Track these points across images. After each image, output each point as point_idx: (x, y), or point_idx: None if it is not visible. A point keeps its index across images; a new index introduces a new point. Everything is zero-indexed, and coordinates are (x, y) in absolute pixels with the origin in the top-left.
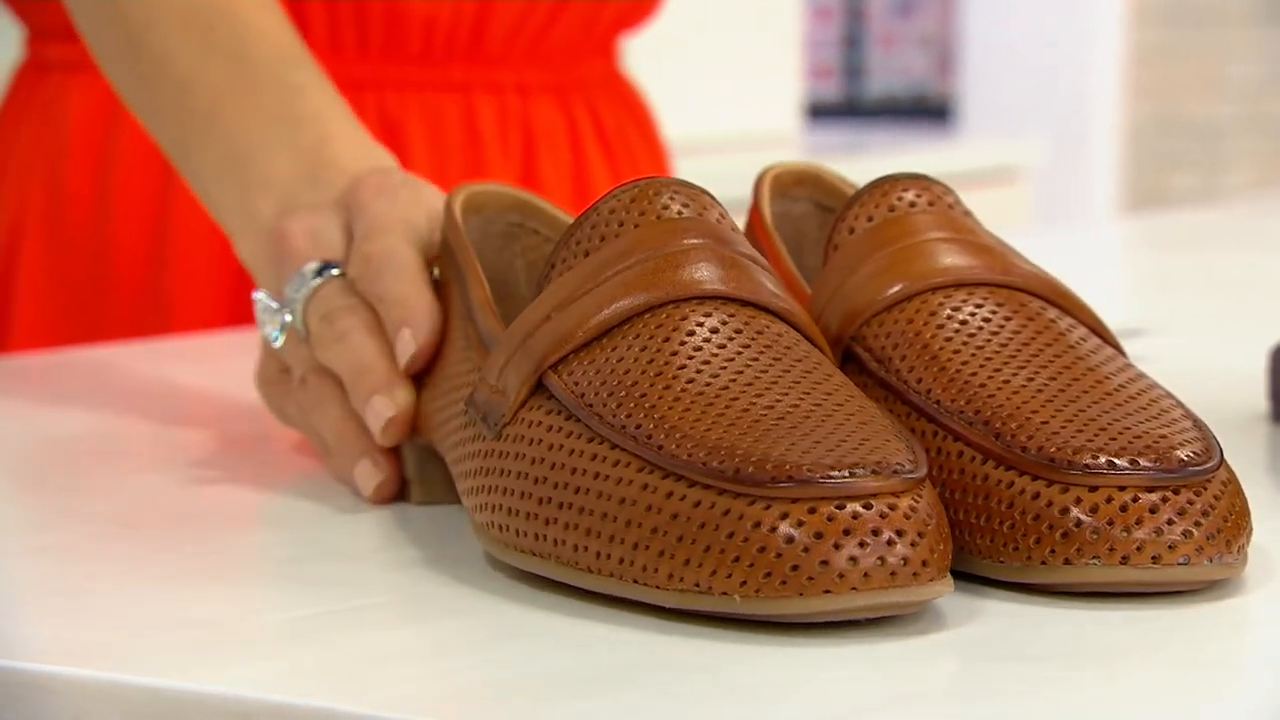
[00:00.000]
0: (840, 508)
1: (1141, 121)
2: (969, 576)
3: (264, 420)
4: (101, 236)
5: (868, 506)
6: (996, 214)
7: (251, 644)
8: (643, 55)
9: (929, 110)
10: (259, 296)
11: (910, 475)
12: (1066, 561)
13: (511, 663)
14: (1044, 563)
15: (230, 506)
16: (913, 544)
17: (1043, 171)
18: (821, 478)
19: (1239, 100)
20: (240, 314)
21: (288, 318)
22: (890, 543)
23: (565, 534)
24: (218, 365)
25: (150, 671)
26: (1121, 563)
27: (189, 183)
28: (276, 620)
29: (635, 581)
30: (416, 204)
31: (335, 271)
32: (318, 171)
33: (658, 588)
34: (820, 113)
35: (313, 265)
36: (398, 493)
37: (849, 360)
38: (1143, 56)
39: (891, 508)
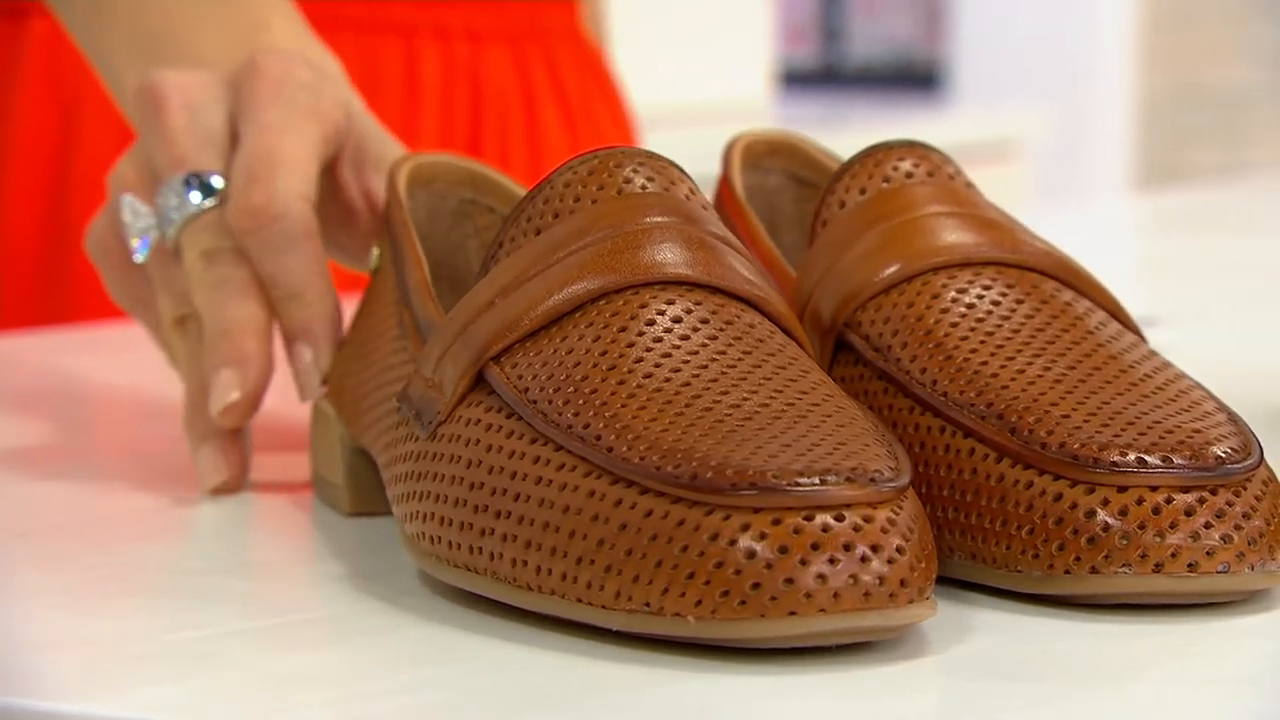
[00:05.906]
0: (808, 519)
1: (1156, 92)
2: (981, 588)
3: (175, 420)
4: None
5: (840, 518)
6: (990, 195)
7: (148, 665)
8: (593, 16)
9: (916, 78)
10: (128, 201)
11: (891, 484)
12: (1093, 570)
13: (427, 688)
14: (1068, 572)
15: (135, 514)
16: (890, 561)
17: (1043, 147)
18: (788, 485)
19: (1263, 67)
20: None
21: (154, 234)
22: (865, 559)
23: (502, 547)
24: (126, 358)
25: (38, 694)
26: (1155, 571)
27: (99, 72)
28: (176, 640)
29: (579, 600)
30: (312, 116)
31: (212, 201)
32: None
33: (604, 607)
34: (794, 80)
35: (187, 177)
36: (239, 487)
37: (842, 349)
38: (1157, 20)
39: (867, 520)
